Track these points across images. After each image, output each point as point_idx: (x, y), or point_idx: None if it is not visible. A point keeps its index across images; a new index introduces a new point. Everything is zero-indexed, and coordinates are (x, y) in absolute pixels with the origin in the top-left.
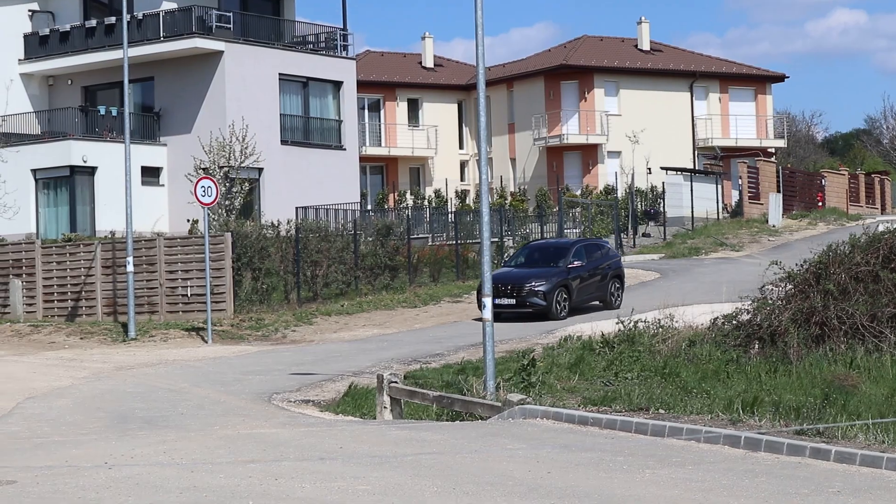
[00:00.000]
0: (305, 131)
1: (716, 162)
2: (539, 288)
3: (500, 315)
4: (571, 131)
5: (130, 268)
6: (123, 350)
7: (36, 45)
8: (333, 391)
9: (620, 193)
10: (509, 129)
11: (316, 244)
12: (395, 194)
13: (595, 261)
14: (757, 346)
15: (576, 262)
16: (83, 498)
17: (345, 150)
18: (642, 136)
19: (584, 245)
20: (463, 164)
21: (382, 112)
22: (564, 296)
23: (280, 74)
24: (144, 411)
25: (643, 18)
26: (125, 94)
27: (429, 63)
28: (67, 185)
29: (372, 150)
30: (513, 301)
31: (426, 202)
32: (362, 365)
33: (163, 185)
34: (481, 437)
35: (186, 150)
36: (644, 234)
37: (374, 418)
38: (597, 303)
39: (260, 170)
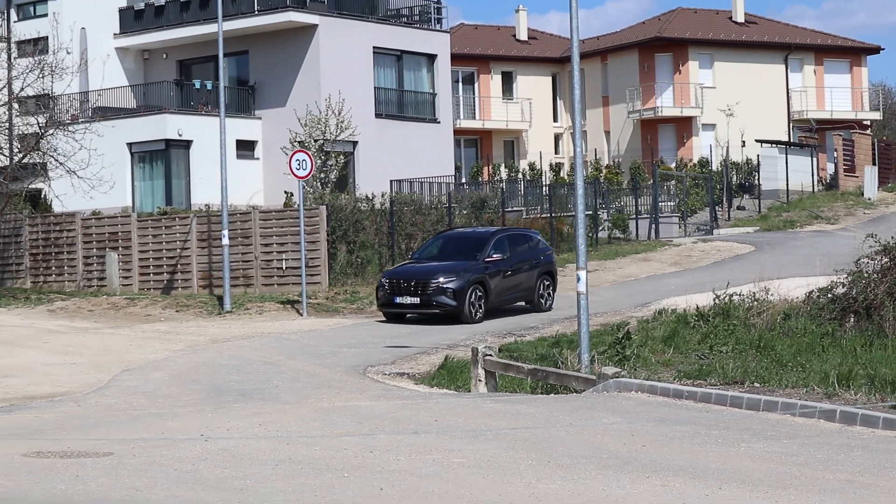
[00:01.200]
0: (400, 104)
1: (811, 134)
2: (448, 285)
3: (402, 316)
4: (666, 104)
5: (226, 241)
6: (219, 323)
7: (131, 20)
8: (428, 364)
9: (715, 166)
10: (603, 102)
11: (410, 217)
12: (490, 167)
13: (520, 254)
14: (852, 319)
15: (495, 255)
16: (179, 470)
17: (439, 123)
18: (737, 109)
19: (508, 235)
20: (557, 137)
21: (476, 85)
22: (479, 294)
23: (374, 48)
24: (240, 384)
25: None
26: (220, 68)
27: (523, 36)
28: (163, 158)
29: (466, 124)
30: (416, 300)
31: (520, 175)
32: (457, 338)
33: (257, 159)
34: (576, 411)
35: (281, 123)
36: (739, 207)
37: (469, 391)
38: (522, 304)
39: (354, 143)
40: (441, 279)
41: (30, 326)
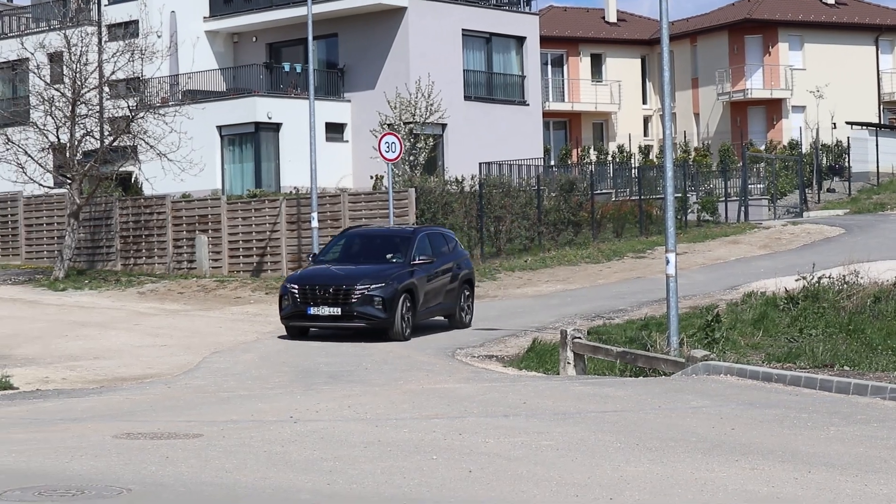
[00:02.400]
0: (489, 87)
1: None
2: (376, 293)
3: (316, 333)
4: (755, 86)
5: (315, 223)
6: None
7: (220, 3)
8: (517, 346)
9: (805, 149)
10: (692, 84)
11: (499, 200)
12: (579, 150)
13: (443, 259)
14: None
15: (421, 258)
16: (269, 451)
17: (528, 105)
18: (827, 91)
19: (429, 234)
20: (646, 120)
21: (565, 67)
22: (409, 305)
23: (463, 30)
24: (329, 366)
25: None
26: (309, 51)
27: (612, 18)
28: (252, 141)
29: (555, 106)
30: (336, 311)
31: (609, 157)
32: (545, 320)
33: (347, 142)
34: (665, 394)
35: (370, 106)
36: (828, 190)
37: (558, 374)
38: (441, 318)
39: (443, 125)
40: (369, 285)
41: (120, 309)
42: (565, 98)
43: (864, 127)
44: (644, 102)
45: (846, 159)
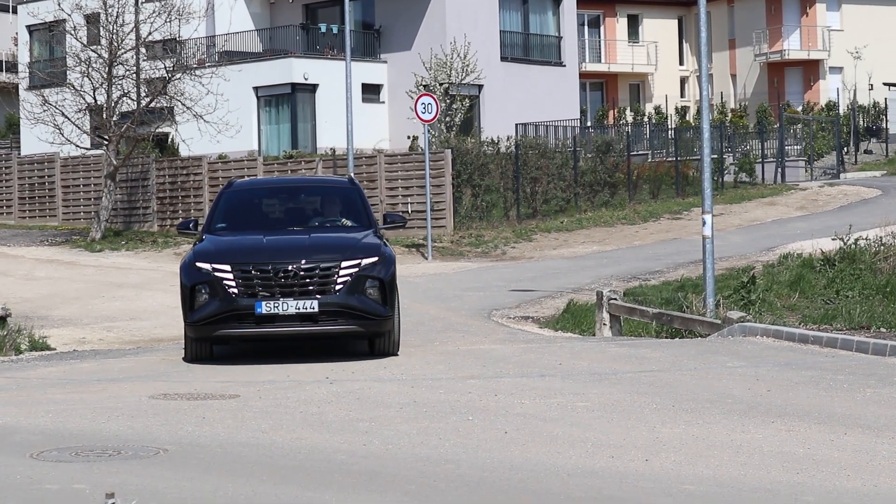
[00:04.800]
0: (525, 48)
1: None
2: (371, 272)
3: (263, 344)
4: (793, 47)
5: None
6: None
7: None
8: (552, 308)
9: (842, 110)
10: (729, 45)
11: (535, 161)
12: (615, 111)
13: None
14: None
15: (390, 221)
16: (304, 412)
17: (564, 66)
18: (864, 52)
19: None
20: (683, 81)
21: (602, 28)
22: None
23: None
24: None
25: None
26: (346, 12)
27: None
28: (289, 102)
29: (591, 67)
30: (309, 305)
31: (646, 119)
32: (581, 282)
33: (383, 103)
34: (700, 355)
35: (406, 67)
36: (866, 151)
37: (593, 335)
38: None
39: (480, 86)
40: (360, 260)
41: (157, 269)
42: (602, 59)
43: None
44: (681, 63)
45: (884, 120)
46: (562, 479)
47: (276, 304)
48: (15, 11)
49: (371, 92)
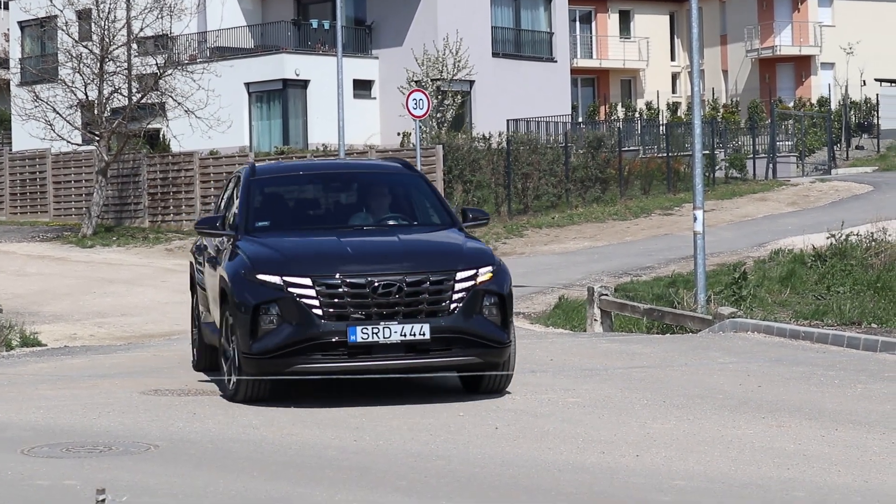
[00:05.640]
0: (517, 43)
1: None
2: (491, 287)
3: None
4: (784, 42)
5: None
6: None
7: None
8: (543, 303)
9: (834, 106)
10: (721, 41)
11: (527, 156)
12: (606, 106)
13: None
14: None
15: (472, 216)
16: (295, 408)
17: (556, 62)
18: (856, 48)
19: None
20: (674, 76)
21: (593, 24)
22: None
23: None
24: None
25: None
26: (337, 8)
27: None
28: (280, 98)
29: (583, 63)
30: (418, 331)
31: (637, 114)
32: (572, 277)
33: (374, 98)
34: (692, 351)
35: (398, 63)
36: (857, 147)
37: (584, 331)
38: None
39: (471, 82)
40: (475, 269)
41: (148, 265)
42: (593, 55)
43: (894, 83)
44: (672, 59)
45: (875, 116)
46: (553, 475)
47: (376, 330)
48: (6, 7)
49: (362, 88)
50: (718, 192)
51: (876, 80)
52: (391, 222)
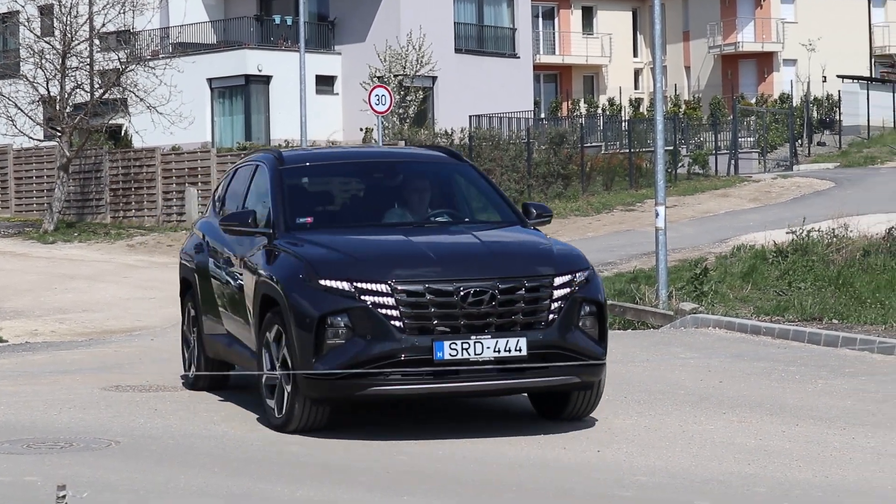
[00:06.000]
0: (479, 39)
1: (893, 70)
2: (589, 294)
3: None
4: (747, 39)
5: None
6: None
7: None
8: None
9: (796, 102)
10: (684, 37)
11: (489, 152)
12: (569, 103)
13: None
14: None
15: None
16: (257, 403)
17: (518, 58)
18: (818, 44)
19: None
20: (637, 73)
21: (556, 20)
22: None
23: None
24: None
25: None
26: (300, 3)
27: None
28: (242, 94)
29: (545, 59)
30: (514, 346)
31: (599, 110)
32: None
33: (337, 94)
34: (653, 346)
35: (361, 58)
36: (819, 143)
37: None
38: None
39: (434, 78)
40: (572, 274)
41: (109, 261)
42: (556, 51)
43: (856, 80)
44: (635, 55)
45: (837, 113)
46: (514, 471)
47: (466, 346)
48: None
49: (325, 83)
50: (680, 187)
51: (838, 76)
52: (443, 218)
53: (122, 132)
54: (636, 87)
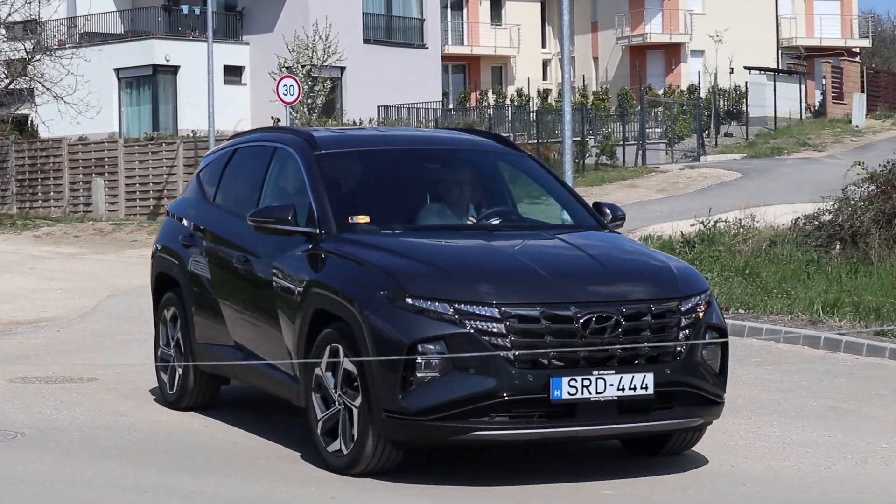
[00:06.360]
0: (388, 30)
1: (799, 62)
2: (712, 318)
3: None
4: (655, 30)
5: None
6: None
7: None
8: None
9: (703, 93)
10: (592, 28)
11: None
12: (477, 93)
13: None
14: (838, 246)
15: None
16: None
17: (427, 48)
18: (726, 36)
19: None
20: (545, 64)
21: (465, 11)
22: None
23: None
24: None
25: None
26: None
27: None
28: (150, 84)
29: (454, 49)
30: (635, 388)
31: (508, 101)
32: None
33: (245, 85)
34: None
35: (269, 49)
36: (726, 134)
37: None
38: None
39: (342, 68)
40: (700, 299)
41: (15, 252)
42: (464, 42)
43: (763, 72)
44: (543, 46)
45: (744, 104)
46: None
47: (587, 382)
48: None
49: (233, 74)
50: (588, 178)
51: (745, 67)
52: (515, 220)
53: (29, 122)
54: (544, 78)
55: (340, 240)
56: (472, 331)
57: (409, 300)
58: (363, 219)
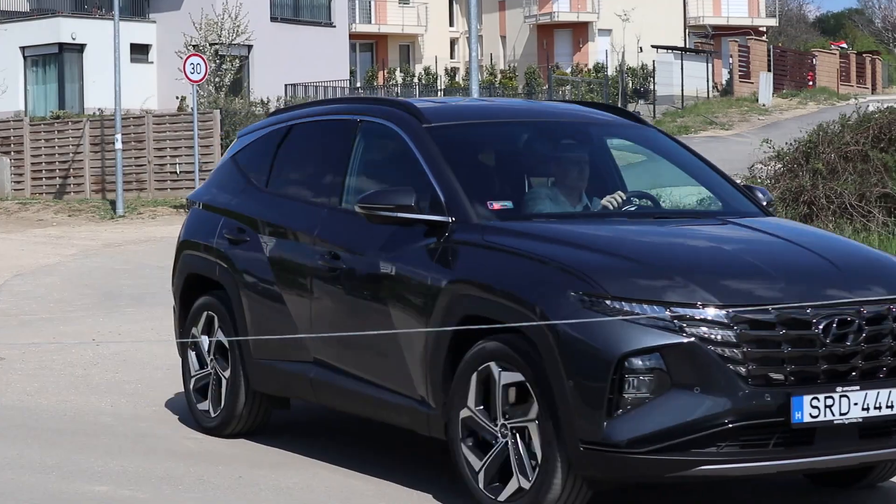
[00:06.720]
0: (295, 8)
1: (706, 41)
2: None
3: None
4: (562, 9)
5: (119, 145)
6: (111, 227)
7: None
8: None
9: (611, 72)
10: (500, 7)
11: None
12: (385, 72)
13: None
14: None
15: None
16: (70, 374)
17: (334, 27)
18: (633, 14)
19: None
20: (453, 42)
21: None
22: None
23: None
24: (132, 288)
25: None
26: None
27: None
28: (56, 62)
29: (362, 28)
30: (880, 408)
31: (416, 80)
32: None
33: (152, 63)
34: None
35: (176, 27)
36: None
37: None
38: None
39: (249, 47)
40: None
41: None
42: (372, 20)
43: (670, 51)
44: (451, 25)
45: (651, 83)
46: None
47: (830, 402)
48: None
49: (140, 52)
50: None
51: (652, 46)
52: (646, 201)
53: None
54: (452, 57)
55: (485, 229)
56: (696, 339)
57: (610, 302)
58: (504, 204)
